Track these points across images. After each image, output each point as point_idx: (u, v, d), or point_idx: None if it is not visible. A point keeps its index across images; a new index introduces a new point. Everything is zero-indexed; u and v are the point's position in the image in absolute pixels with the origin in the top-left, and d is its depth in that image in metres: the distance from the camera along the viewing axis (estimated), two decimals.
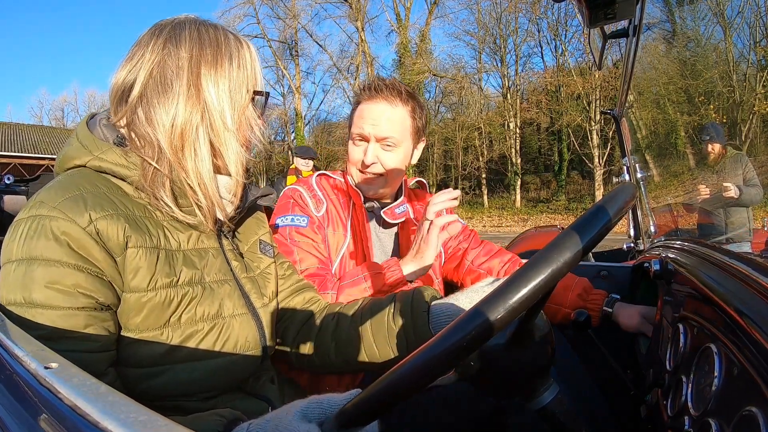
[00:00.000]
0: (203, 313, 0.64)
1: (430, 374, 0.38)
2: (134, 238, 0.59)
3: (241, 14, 24.90)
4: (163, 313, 0.61)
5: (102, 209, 0.57)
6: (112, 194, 0.61)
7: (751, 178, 1.73)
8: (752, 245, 1.59)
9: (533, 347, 0.51)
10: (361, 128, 1.08)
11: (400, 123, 1.09)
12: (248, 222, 0.84)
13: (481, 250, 1.24)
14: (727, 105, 1.97)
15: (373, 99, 1.08)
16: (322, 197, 1.11)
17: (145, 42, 0.65)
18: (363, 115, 1.09)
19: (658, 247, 1.12)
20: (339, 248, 1.08)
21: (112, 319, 0.59)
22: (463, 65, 22.48)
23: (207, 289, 0.66)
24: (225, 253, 0.73)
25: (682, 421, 0.56)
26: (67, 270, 0.54)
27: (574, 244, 0.38)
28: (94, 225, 0.56)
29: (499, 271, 1.19)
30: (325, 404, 0.44)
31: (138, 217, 0.62)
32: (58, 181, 0.60)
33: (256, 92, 0.70)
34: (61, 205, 0.55)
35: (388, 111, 1.08)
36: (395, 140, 1.09)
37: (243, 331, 0.69)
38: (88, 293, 0.55)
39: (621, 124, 1.45)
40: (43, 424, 0.34)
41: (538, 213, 19.22)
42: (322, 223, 1.08)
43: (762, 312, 0.50)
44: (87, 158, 0.63)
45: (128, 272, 0.59)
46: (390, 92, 1.08)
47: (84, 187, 0.59)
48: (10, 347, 0.42)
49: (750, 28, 1.70)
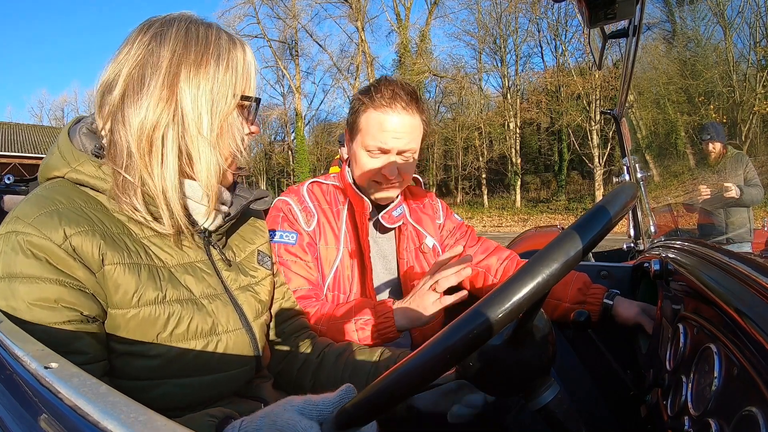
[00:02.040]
0: (196, 329, 0.63)
1: (431, 373, 0.38)
2: (110, 255, 0.57)
3: (241, 14, 24.96)
4: (151, 328, 0.59)
5: (77, 225, 0.56)
6: (88, 209, 0.59)
7: (751, 178, 1.73)
8: (753, 245, 1.59)
9: (533, 347, 0.51)
10: (383, 142, 1.02)
11: (419, 133, 1.06)
12: (244, 230, 0.80)
13: (478, 247, 1.23)
14: (727, 105, 1.97)
15: (392, 108, 1.01)
16: (313, 209, 1.08)
17: (132, 39, 0.62)
18: (384, 126, 1.02)
19: (658, 247, 1.12)
20: (333, 262, 1.05)
21: (99, 330, 0.57)
22: (463, 65, 22.51)
23: (198, 306, 0.64)
24: (215, 264, 0.70)
25: (681, 421, 0.56)
26: (49, 285, 0.53)
27: (574, 244, 0.38)
28: (69, 242, 0.55)
29: (497, 269, 1.18)
30: (321, 405, 0.44)
31: (115, 234, 0.60)
32: (36, 195, 0.59)
33: (245, 97, 0.65)
34: (35, 221, 0.54)
35: (408, 121, 1.03)
36: (415, 150, 1.06)
37: (237, 346, 0.67)
38: (72, 306, 0.54)
39: (621, 124, 1.45)
40: (43, 424, 0.34)
41: (538, 213, 19.22)
42: (313, 238, 1.05)
43: (762, 312, 0.50)
44: (65, 170, 0.61)
45: (110, 288, 0.57)
46: (408, 100, 1.03)
47: (60, 202, 0.57)
48: (10, 347, 0.42)
49: (750, 28, 1.70)
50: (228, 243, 0.76)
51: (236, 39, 0.67)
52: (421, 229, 1.20)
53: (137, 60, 0.61)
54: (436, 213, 1.26)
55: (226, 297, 0.69)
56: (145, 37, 0.62)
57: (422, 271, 1.15)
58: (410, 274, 1.14)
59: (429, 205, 1.26)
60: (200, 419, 0.49)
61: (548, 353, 0.53)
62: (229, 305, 0.69)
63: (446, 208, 1.30)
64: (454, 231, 1.26)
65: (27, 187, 2.51)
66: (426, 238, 1.19)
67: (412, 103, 1.03)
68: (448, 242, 1.25)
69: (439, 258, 0.96)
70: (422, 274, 1.13)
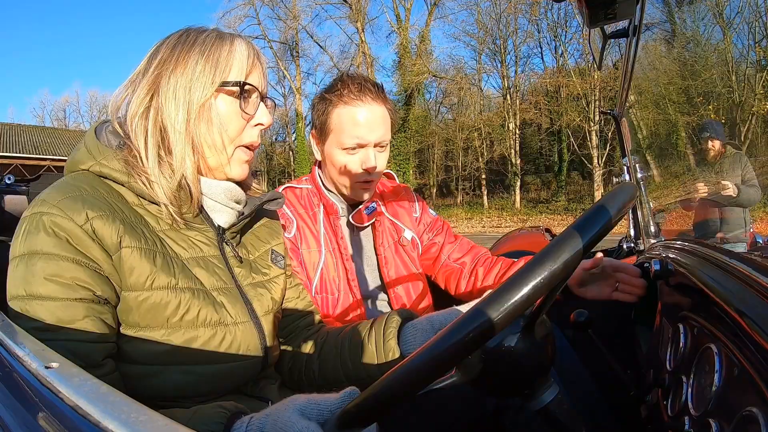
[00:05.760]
0: (205, 318, 0.64)
1: (432, 374, 0.38)
2: (128, 239, 0.60)
3: (242, 15, 25.02)
4: (162, 313, 0.61)
5: (99, 209, 0.59)
6: (110, 198, 0.62)
7: (750, 178, 1.72)
8: (748, 246, 1.59)
9: (534, 347, 0.51)
10: (359, 136, 1.01)
11: (389, 123, 1.07)
12: (258, 230, 0.82)
13: (456, 245, 1.24)
14: (726, 105, 1.97)
15: (363, 100, 1.01)
16: (291, 215, 1.08)
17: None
18: (358, 120, 1.01)
19: (658, 247, 1.12)
20: (317, 265, 1.06)
21: (110, 312, 0.59)
22: (463, 66, 22.51)
23: (208, 296, 0.66)
24: (227, 260, 0.72)
25: (682, 422, 0.56)
26: (66, 263, 0.56)
27: (574, 244, 0.38)
28: (90, 223, 0.57)
29: (471, 267, 1.20)
30: (323, 405, 0.44)
31: (134, 222, 0.62)
32: (61, 182, 0.62)
33: (225, 83, 0.65)
34: (60, 203, 0.57)
35: (380, 112, 1.03)
36: (387, 140, 1.07)
37: (245, 339, 0.68)
38: (86, 286, 0.57)
39: (621, 123, 1.45)
40: (44, 423, 0.34)
41: (537, 213, 19.20)
42: (295, 244, 1.05)
43: (762, 312, 0.50)
44: (90, 163, 0.64)
45: (125, 270, 0.59)
46: (376, 90, 1.03)
47: (84, 189, 0.60)
48: (10, 347, 0.42)
49: (749, 28, 1.70)
50: (242, 241, 0.78)
51: (227, 35, 0.68)
52: (399, 222, 1.21)
53: (140, 68, 0.67)
54: (413, 206, 1.27)
55: (236, 291, 0.70)
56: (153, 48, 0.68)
57: (402, 264, 1.16)
58: (390, 268, 1.15)
59: (405, 198, 1.27)
60: (211, 410, 0.49)
61: (548, 353, 0.53)
62: (239, 299, 0.70)
63: (422, 201, 1.31)
64: (432, 225, 1.27)
65: (28, 187, 2.50)
66: (404, 231, 1.20)
67: (379, 93, 1.04)
68: (427, 236, 1.25)
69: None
70: (402, 268, 1.16)
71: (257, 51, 0.70)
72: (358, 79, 1.03)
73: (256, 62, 0.69)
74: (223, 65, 0.65)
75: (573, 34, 19.88)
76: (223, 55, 0.66)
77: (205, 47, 0.65)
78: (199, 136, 0.65)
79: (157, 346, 0.61)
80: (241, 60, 0.67)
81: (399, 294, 1.14)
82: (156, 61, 0.65)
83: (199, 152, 0.66)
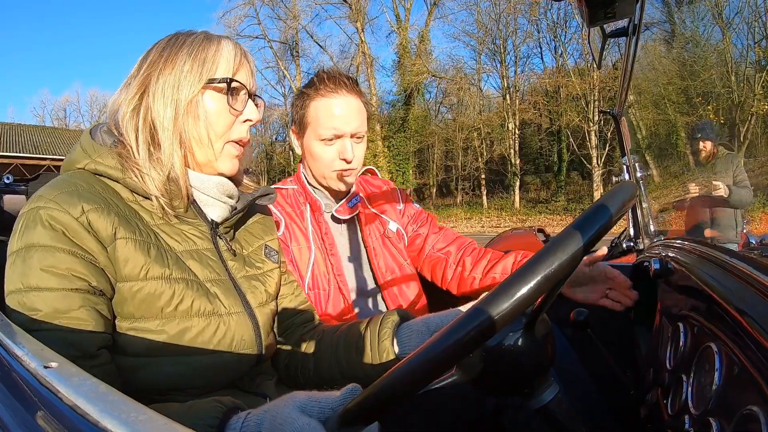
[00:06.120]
0: (198, 309, 0.65)
1: (432, 373, 0.38)
2: (122, 231, 0.61)
3: (242, 15, 25.02)
4: (156, 303, 0.62)
5: (94, 203, 0.60)
6: (105, 194, 0.63)
7: (742, 179, 1.72)
8: (739, 246, 1.58)
9: (534, 346, 0.51)
10: (335, 127, 1.05)
11: (365, 115, 1.09)
12: (252, 226, 0.84)
13: (440, 236, 1.25)
14: (726, 105, 1.97)
15: (338, 92, 1.05)
16: (279, 214, 1.10)
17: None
18: (333, 111, 1.04)
19: (658, 246, 1.12)
20: (307, 261, 1.08)
21: (105, 303, 0.60)
22: (463, 66, 22.52)
23: (202, 288, 0.67)
24: (221, 253, 0.73)
25: (682, 421, 0.56)
26: (62, 255, 0.57)
27: (575, 243, 0.38)
28: (86, 216, 0.59)
29: (457, 256, 1.21)
30: (324, 402, 0.44)
31: (128, 216, 0.64)
32: (57, 179, 0.64)
33: (212, 80, 0.67)
34: (56, 197, 0.59)
35: (355, 103, 1.06)
36: (365, 133, 1.09)
37: (239, 329, 0.69)
38: (82, 276, 0.58)
39: (620, 123, 1.45)
40: (43, 423, 0.34)
41: (537, 213, 19.21)
42: (284, 242, 1.07)
43: (762, 311, 0.49)
44: (85, 161, 0.66)
45: (119, 261, 0.61)
46: (350, 83, 1.06)
47: (79, 185, 0.62)
48: (9, 346, 0.42)
49: (749, 28, 1.70)
50: (236, 237, 0.80)
51: (214, 36, 0.70)
52: (383, 215, 1.23)
53: (132, 71, 0.69)
54: (396, 198, 1.29)
55: (229, 283, 0.71)
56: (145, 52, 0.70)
57: (391, 256, 1.19)
58: (379, 260, 1.17)
59: (388, 191, 1.29)
60: (208, 404, 0.48)
61: (548, 352, 0.53)
62: (232, 290, 0.71)
63: (405, 194, 1.33)
64: (416, 217, 1.28)
65: (27, 186, 2.50)
66: (389, 224, 1.22)
67: (354, 86, 1.07)
68: (411, 227, 1.27)
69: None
70: (391, 260, 1.18)
71: (244, 51, 0.72)
72: (334, 74, 1.07)
73: (243, 61, 0.70)
74: (210, 63, 0.67)
75: (572, 34, 19.92)
76: (210, 54, 0.67)
77: (192, 48, 0.67)
78: (187, 132, 0.67)
79: (151, 337, 0.62)
80: (228, 58, 0.68)
81: (390, 285, 1.16)
82: (146, 64, 0.68)
83: (187, 147, 0.68)
